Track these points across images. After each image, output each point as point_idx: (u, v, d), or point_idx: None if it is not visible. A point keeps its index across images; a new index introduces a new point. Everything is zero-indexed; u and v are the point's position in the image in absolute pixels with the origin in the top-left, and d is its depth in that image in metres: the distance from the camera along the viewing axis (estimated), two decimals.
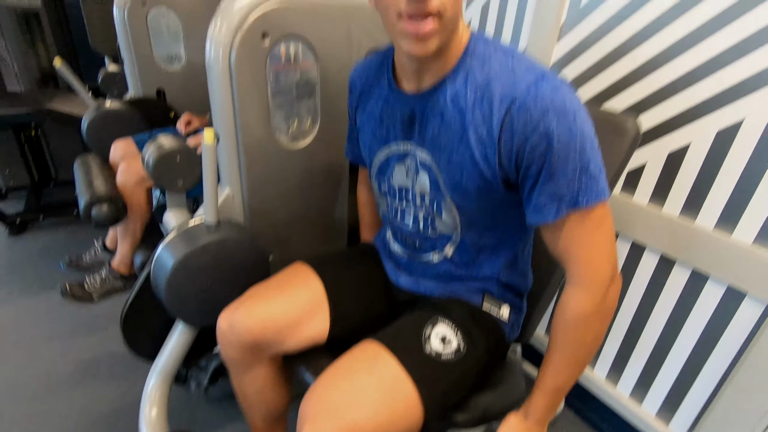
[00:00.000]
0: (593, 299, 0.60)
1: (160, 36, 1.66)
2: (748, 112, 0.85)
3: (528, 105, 0.54)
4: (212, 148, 0.78)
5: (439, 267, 0.78)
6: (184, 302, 0.85)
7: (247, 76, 0.85)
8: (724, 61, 0.87)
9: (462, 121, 0.61)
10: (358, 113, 0.79)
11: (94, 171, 1.47)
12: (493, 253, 0.75)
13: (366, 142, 0.78)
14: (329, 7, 0.89)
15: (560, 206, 0.57)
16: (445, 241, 0.75)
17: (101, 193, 1.33)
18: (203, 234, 0.85)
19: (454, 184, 0.65)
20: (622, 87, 1.05)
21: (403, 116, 0.69)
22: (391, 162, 0.74)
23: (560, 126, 0.54)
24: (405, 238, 0.80)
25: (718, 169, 0.92)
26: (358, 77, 0.79)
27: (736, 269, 0.91)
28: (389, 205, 0.79)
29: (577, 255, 0.60)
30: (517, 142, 0.56)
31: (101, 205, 1.31)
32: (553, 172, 0.55)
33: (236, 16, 0.81)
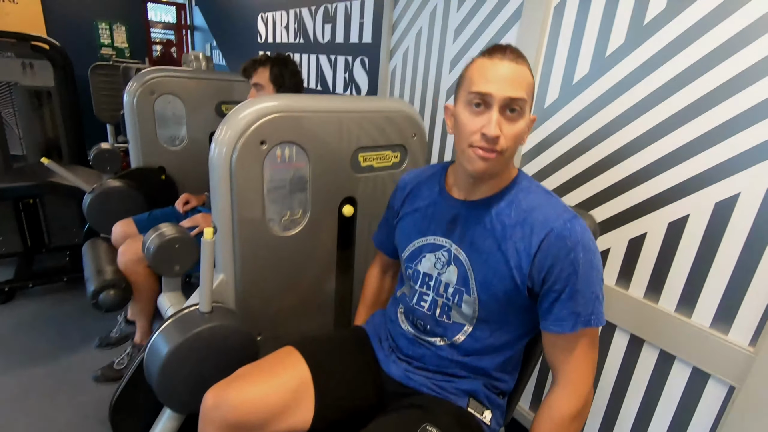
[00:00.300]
0: (578, 402, 0.72)
1: (165, 120, 1.79)
2: (693, 208, 0.96)
3: (564, 235, 0.69)
4: (211, 244, 0.85)
5: (442, 350, 0.83)
6: (174, 389, 0.88)
7: (246, 174, 0.94)
8: (673, 161, 0.99)
9: (503, 233, 0.74)
10: (404, 207, 0.92)
11: (103, 257, 1.53)
12: (496, 350, 0.82)
13: (405, 231, 0.90)
14: (320, 116, 1.01)
15: (576, 322, 0.70)
16: (456, 330, 0.81)
17: (108, 279, 1.38)
18: (197, 321, 0.89)
19: (485, 282, 0.76)
20: (583, 180, 1.17)
21: (447, 216, 0.82)
22: (423, 251, 0.84)
23: (585, 258, 0.69)
24: (416, 320, 0.86)
25: (673, 256, 1.01)
26: (410, 180, 0.94)
27: (698, 351, 0.97)
28: (411, 288, 0.87)
29: (572, 363, 0.72)
30: (549, 261, 0.70)
31: (108, 291, 1.35)
32: (575, 292, 0.69)
33: (239, 125, 0.92)
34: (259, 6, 2.91)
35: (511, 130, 0.70)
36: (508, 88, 0.68)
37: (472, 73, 0.72)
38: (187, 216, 1.59)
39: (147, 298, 1.52)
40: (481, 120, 0.70)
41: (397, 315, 0.92)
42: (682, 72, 0.95)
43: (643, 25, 1.00)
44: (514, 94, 0.68)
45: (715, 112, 0.91)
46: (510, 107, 0.70)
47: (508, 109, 0.70)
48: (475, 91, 0.70)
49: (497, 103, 0.69)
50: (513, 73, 0.69)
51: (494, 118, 0.68)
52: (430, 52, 1.64)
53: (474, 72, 0.72)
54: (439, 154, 1.67)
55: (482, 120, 0.70)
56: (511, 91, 0.68)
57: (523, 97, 0.69)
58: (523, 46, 1.26)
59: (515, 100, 0.69)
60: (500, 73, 0.69)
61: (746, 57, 0.86)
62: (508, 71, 0.69)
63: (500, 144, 0.69)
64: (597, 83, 1.11)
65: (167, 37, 6.37)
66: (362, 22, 1.99)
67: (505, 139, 0.69)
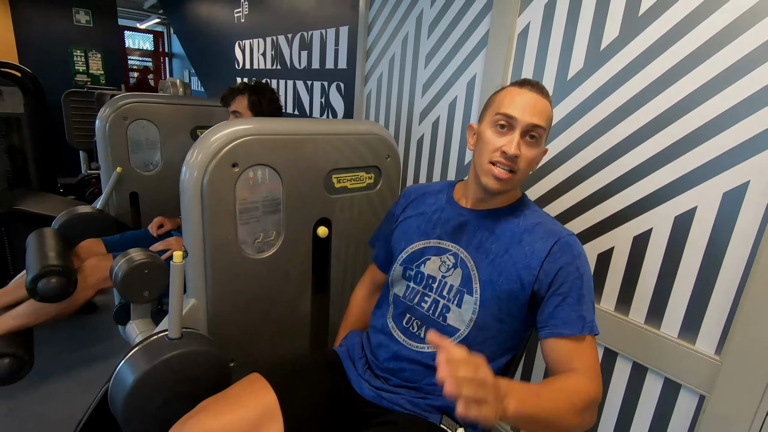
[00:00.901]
0: (597, 389, 0.72)
1: (138, 145, 1.78)
2: (655, 222, 1.00)
3: (570, 244, 0.78)
4: (180, 267, 0.83)
5: (429, 356, 0.83)
6: (142, 421, 0.84)
7: (218, 197, 0.94)
8: (635, 177, 1.04)
9: (512, 238, 0.81)
10: (405, 212, 0.97)
11: (49, 244, 1.39)
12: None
13: (406, 233, 0.93)
14: (293, 139, 1.03)
15: (584, 326, 0.74)
16: (450, 334, 0.82)
17: (53, 265, 1.24)
18: (165, 348, 0.86)
19: (490, 281, 0.80)
20: (553, 197, 1.21)
21: (455, 222, 0.88)
22: (426, 253, 0.88)
23: (587, 268, 0.78)
24: (413, 321, 0.87)
25: (640, 269, 1.04)
26: (415, 190, 1.00)
27: (668, 362, 0.99)
28: (409, 288, 0.88)
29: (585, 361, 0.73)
30: (558, 265, 0.76)
31: (50, 278, 1.21)
32: (581, 296, 0.75)
33: (211, 148, 0.92)
34: (236, 34, 2.95)
35: (528, 153, 0.78)
36: (533, 115, 0.77)
37: (502, 97, 0.80)
38: (160, 239, 1.56)
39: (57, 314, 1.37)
40: (504, 140, 0.78)
41: (385, 320, 0.91)
42: (638, 93, 1.01)
43: (600, 50, 1.07)
44: (536, 121, 0.77)
45: (670, 131, 0.96)
46: (530, 133, 0.78)
47: (529, 135, 0.78)
48: (503, 113, 0.78)
49: (520, 127, 0.77)
50: (538, 104, 0.78)
51: (516, 139, 0.76)
52: (403, 77, 1.69)
53: (504, 96, 0.80)
54: (414, 175, 1.69)
55: (504, 140, 0.78)
56: (534, 118, 0.77)
57: (543, 126, 0.78)
58: (489, 71, 1.32)
59: (536, 127, 0.77)
60: (527, 102, 0.77)
61: (693, 80, 0.92)
62: (535, 102, 0.78)
63: (518, 164, 0.77)
64: (561, 105, 1.16)
65: (144, 64, 6.38)
66: (337, 48, 2.04)
67: (522, 160, 0.78)
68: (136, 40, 6.59)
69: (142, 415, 0.84)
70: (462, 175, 1.49)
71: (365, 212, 1.24)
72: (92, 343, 1.88)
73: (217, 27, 3.23)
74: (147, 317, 1.04)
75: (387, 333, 0.90)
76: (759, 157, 0.84)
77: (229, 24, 3.03)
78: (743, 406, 0.87)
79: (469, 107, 1.44)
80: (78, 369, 1.71)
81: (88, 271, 1.39)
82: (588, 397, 0.69)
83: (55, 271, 1.23)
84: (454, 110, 1.49)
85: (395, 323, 0.89)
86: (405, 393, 0.84)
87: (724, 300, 0.91)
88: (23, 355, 1.28)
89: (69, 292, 1.28)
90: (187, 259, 0.96)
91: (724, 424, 0.90)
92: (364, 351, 0.94)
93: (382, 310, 0.95)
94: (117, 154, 1.73)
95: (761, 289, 0.83)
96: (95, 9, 4.12)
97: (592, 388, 0.71)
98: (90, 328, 2.01)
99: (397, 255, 0.93)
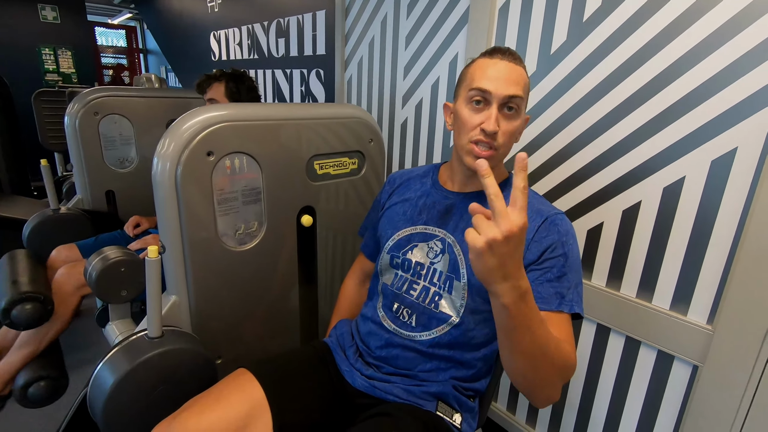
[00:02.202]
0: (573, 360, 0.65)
1: (112, 141, 1.70)
2: (644, 195, 0.99)
3: (557, 223, 0.75)
4: (155, 262, 0.79)
5: (422, 344, 0.81)
6: (124, 425, 0.80)
7: (193, 188, 0.89)
8: (621, 150, 1.02)
9: None
10: (391, 198, 0.94)
11: (21, 267, 1.34)
12: (477, 345, 0.80)
13: (392, 220, 0.90)
14: (270, 124, 0.98)
15: (561, 303, 0.70)
16: (441, 321, 0.80)
17: (26, 291, 1.19)
18: (146, 347, 0.83)
19: None
20: (540, 175, 1.19)
21: (441, 207, 0.85)
22: (413, 239, 0.85)
23: (573, 247, 0.74)
24: (402, 309, 0.84)
25: (630, 242, 1.03)
26: (399, 176, 0.97)
27: (661, 334, 0.99)
28: (398, 276, 0.86)
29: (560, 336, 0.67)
30: (544, 244, 0.73)
31: (24, 305, 1.17)
32: (563, 275, 0.71)
33: (183, 137, 0.88)
34: (210, 24, 2.86)
35: (508, 127, 0.74)
36: (507, 86, 0.72)
37: (473, 71, 0.76)
38: (137, 239, 1.50)
39: (56, 329, 1.34)
40: (481, 116, 0.74)
41: (375, 310, 0.89)
42: (622, 64, 0.98)
43: (583, 21, 1.04)
44: (512, 92, 0.72)
45: (655, 101, 0.94)
46: (508, 105, 0.74)
47: (506, 107, 0.74)
48: (476, 87, 0.73)
49: (496, 101, 0.73)
50: (512, 73, 0.73)
51: (493, 114, 0.72)
52: (384, 60, 1.65)
53: (475, 70, 0.76)
54: (399, 160, 1.66)
55: (482, 116, 0.74)
56: (510, 89, 0.72)
57: (520, 95, 0.74)
58: (471, 49, 1.28)
59: (513, 97, 0.73)
60: (500, 72, 0.73)
61: (677, 48, 0.90)
62: (508, 70, 0.73)
63: (498, 140, 0.74)
64: (545, 80, 1.13)
65: (118, 62, 6.18)
66: (315, 34, 1.99)
67: (502, 135, 0.74)
68: (109, 37, 6.38)
69: (124, 418, 0.80)
70: (447, 157, 1.46)
71: (351, 199, 1.20)
72: (76, 349, 1.82)
73: (190, 18, 3.13)
74: (127, 317, 1.00)
75: (377, 322, 0.87)
76: (745, 123, 0.83)
77: (202, 14, 2.93)
78: (736, 374, 0.87)
79: (452, 88, 1.41)
80: None
81: (61, 281, 1.33)
82: (568, 360, 0.64)
83: (27, 298, 1.19)
84: (437, 92, 1.46)
85: (385, 313, 0.87)
86: (399, 381, 0.82)
87: (715, 269, 0.90)
88: (57, 376, 1.27)
89: (47, 314, 1.24)
90: (165, 255, 0.91)
91: (717, 393, 0.90)
92: (354, 339, 0.92)
93: (372, 300, 0.92)
94: (89, 151, 1.66)
95: (751, 257, 0.83)
96: (62, 4, 3.96)
97: (571, 353, 0.65)
98: (74, 334, 1.94)
99: (384, 243, 0.90)
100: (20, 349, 1.33)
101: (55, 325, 1.34)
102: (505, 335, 0.59)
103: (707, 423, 0.92)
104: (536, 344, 0.58)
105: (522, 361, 0.60)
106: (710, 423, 0.91)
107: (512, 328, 0.56)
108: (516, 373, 0.64)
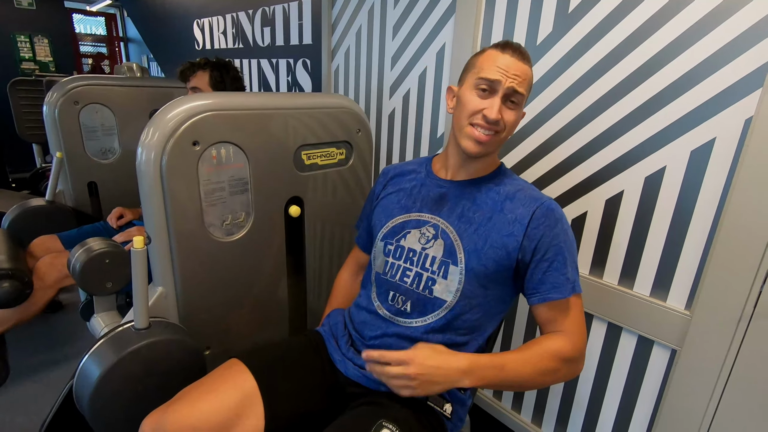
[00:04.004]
0: (574, 349, 0.75)
1: (93, 131, 1.67)
2: (626, 184, 1.01)
3: (552, 209, 0.78)
4: (141, 253, 0.78)
5: (417, 330, 0.81)
6: (111, 417, 0.80)
7: (178, 179, 0.88)
8: (604, 141, 1.04)
9: (493, 206, 0.81)
10: (385, 189, 0.96)
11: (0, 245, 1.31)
12: (470, 330, 0.82)
13: (387, 209, 0.92)
14: (257, 114, 0.97)
15: (573, 287, 0.76)
16: (437, 306, 0.81)
17: (3, 268, 1.17)
18: (132, 338, 0.82)
19: (476, 250, 0.79)
20: (525, 166, 1.20)
21: (434, 195, 0.87)
22: (406, 226, 0.87)
23: (569, 231, 0.79)
24: (397, 297, 0.85)
25: (612, 231, 1.06)
26: (393, 168, 0.99)
27: (641, 319, 1.02)
28: (391, 263, 0.87)
29: (570, 323, 0.77)
30: (541, 231, 0.76)
31: (2, 282, 1.15)
32: (566, 259, 0.76)
33: (168, 126, 0.86)
34: (194, 12, 2.80)
35: (508, 118, 0.78)
36: (514, 81, 0.76)
37: (483, 61, 0.79)
38: (120, 231, 1.48)
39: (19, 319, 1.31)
40: (484, 103, 0.77)
41: (370, 300, 0.89)
42: (606, 56, 1.00)
43: (568, 12, 1.05)
44: (517, 87, 0.76)
45: (637, 93, 0.96)
46: (511, 98, 0.77)
47: (509, 100, 0.77)
48: (484, 77, 0.76)
49: (502, 91, 0.76)
50: (520, 69, 0.77)
51: (497, 103, 0.76)
52: (371, 50, 1.64)
53: (486, 60, 0.78)
54: (387, 152, 1.66)
55: (485, 103, 0.77)
56: (515, 84, 0.76)
57: (523, 92, 0.77)
58: (458, 39, 1.28)
59: (517, 93, 0.77)
60: (509, 66, 0.76)
61: (658, 41, 0.91)
62: (517, 66, 0.76)
63: (498, 127, 0.77)
64: None
65: (98, 50, 6.01)
66: (301, 23, 1.96)
67: (502, 124, 0.78)
68: (88, 25, 6.18)
69: (111, 410, 0.80)
70: (435, 148, 1.47)
71: (339, 189, 1.20)
72: (60, 344, 1.79)
73: (172, 5, 3.05)
74: (113, 309, 0.99)
75: (373, 311, 0.88)
76: (723, 114, 0.85)
77: (185, 1, 2.86)
78: (712, 357, 0.90)
79: (439, 78, 1.41)
80: (46, 371, 1.63)
81: (43, 269, 1.31)
82: (561, 358, 0.74)
83: (6, 275, 1.16)
84: (425, 82, 1.46)
85: (381, 302, 0.88)
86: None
87: (693, 256, 0.93)
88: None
89: (25, 294, 1.21)
90: (151, 246, 0.90)
91: (695, 376, 0.93)
92: (347, 328, 0.92)
93: (366, 290, 0.93)
94: (69, 141, 1.62)
95: (727, 244, 0.85)
96: None
97: (568, 347, 0.75)
98: (57, 328, 1.92)
99: (378, 230, 0.91)
100: None
101: (21, 312, 1.31)
102: None
103: (685, 404, 0.95)
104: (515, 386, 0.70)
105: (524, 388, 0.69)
106: (687, 403, 0.95)
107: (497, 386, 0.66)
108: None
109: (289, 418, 0.79)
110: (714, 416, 0.92)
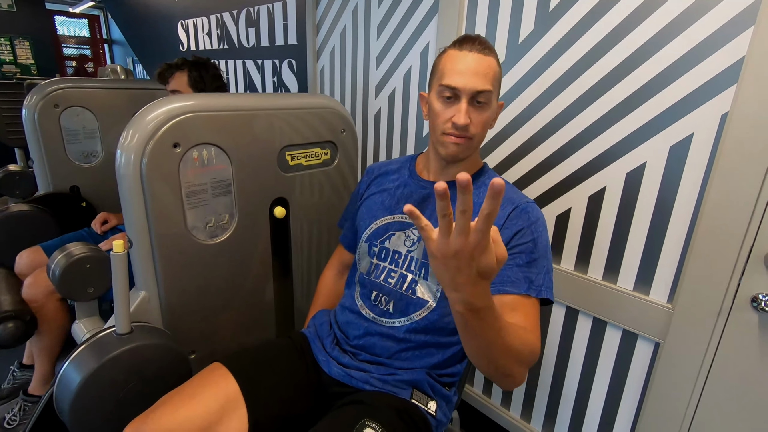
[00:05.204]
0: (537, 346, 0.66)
1: (75, 134, 1.64)
2: (608, 180, 1.02)
3: (527, 211, 0.77)
4: (121, 257, 0.77)
5: (400, 330, 0.82)
6: (92, 425, 0.78)
7: (159, 181, 0.87)
8: (586, 138, 1.05)
9: (474, 209, 0.77)
10: (369, 189, 0.96)
11: (1, 285, 1.33)
12: (452, 332, 0.81)
13: (371, 209, 0.92)
14: (239, 115, 0.96)
15: (530, 287, 0.72)
16: (419, 306, 0.81)
17: (6, 309, 1.20)
18: (114, 344, 0.81)
19: None
20: (508, 165, 1.21)
21: (417, 196, 0.87)
22: (390, 228, 0.87)
23: (542, 234, 0.76)
24: (381, 297, 0.85)
25: (596, 227, 1.07)
26: (378, 167, 0.98)
27: (625, 313, 1.03)
28: (375, 265, 0.87)
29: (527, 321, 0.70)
30: (514, 230, 0.75)
31: (6, 324, 1.18)
32: (533, 261, 0.74)
33: (148, 128, 0.85)
34: (178, 13, 2.77)
35: (479, 118, 0.77)
36: (476, 81, 0.74)
37: (443, 65, 0.78)
38: (105, 237, 1.45)
39: (55, 335, 1.34)
40: (452, 110, 0.76)
41: (354, 300, 0.89)
42: (585, 55, 1.01)
43: (549, 11, 1.06)
44: (480, 87, 0.74)
45: (616, 90, 0.97)
46: (477, 99, 0.76)
47: (476, 101, 0.76)
48: (446, 85, 0.76)
49: (465, 96, 0.75)
50: (480, 66, 0.75)
51: (463, 108, 0.75)
52: (356, 50, 1.64)
53: (445, 64, 0.77)
54: (374, 152, 1.66)
55: (453, 110, 0.76)
56: (478, 84, 0.74)
57: (488, 89, 0.75)
58: (442, 38, 1.29)
59: (482, 92, 0.75)
60: (469, 66, 0.74)
61: (637, 39, 0.92)
62: (476, 64, 0.74)
63: (470, 131, 0.77)
64: (514, 69, 1.15)
65: (81, 53, 5.91)
66: (286, 23, 1.95)
67: (474, 126, 0.77)
68: (71, 27, 6.08)
69: (92, 417, 0.78)
70: (421, 147, 1.47)
71: (324, 190, 1.20)
72: None
73: (156, 6, 3.02)
74: (95, 315, 0.97)
75: (356, 311, 0.88)
76: (700, 110, 0.87)
77: (169, 2, 2.83)
78: (694, 349, 0.92)
79: (424, 78, 1.41)
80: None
81: (30, 291, 1.29)
82: (532, 349, 0.65)
83: (8, 316, 1.20)
84: (410, 81, 1.46)
85: (363, 301, 0.88)
86: (374, 370, 0.83)
87: (674, 250, 0.94)
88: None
89: (28, 334, 1.25)
90: (133, 250, 0.89)
91: (677, 367, 0.95)
92: (332, 329, 0.92)
93: (350, 290, 0.93)
94: (50, 145, 1.59)
95: (706, 238, 0.87)
96: None
97: (535, 343, 0.67)
98: None
99: (362, 232, 0.91)
100: (39, 359, 1.38)
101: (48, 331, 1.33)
102: (461, 336, 0.57)
103: (668, 395, 0.97)
104: (494, 350, 0.56)
105: (481, 359, 0.59)
106: (672, 394, 0.96)
107: (467, 334, 0.55)
108: (477, 365, 0.62)
109: (272, 420, 0.78)
110: (697, 406, 0.93)
